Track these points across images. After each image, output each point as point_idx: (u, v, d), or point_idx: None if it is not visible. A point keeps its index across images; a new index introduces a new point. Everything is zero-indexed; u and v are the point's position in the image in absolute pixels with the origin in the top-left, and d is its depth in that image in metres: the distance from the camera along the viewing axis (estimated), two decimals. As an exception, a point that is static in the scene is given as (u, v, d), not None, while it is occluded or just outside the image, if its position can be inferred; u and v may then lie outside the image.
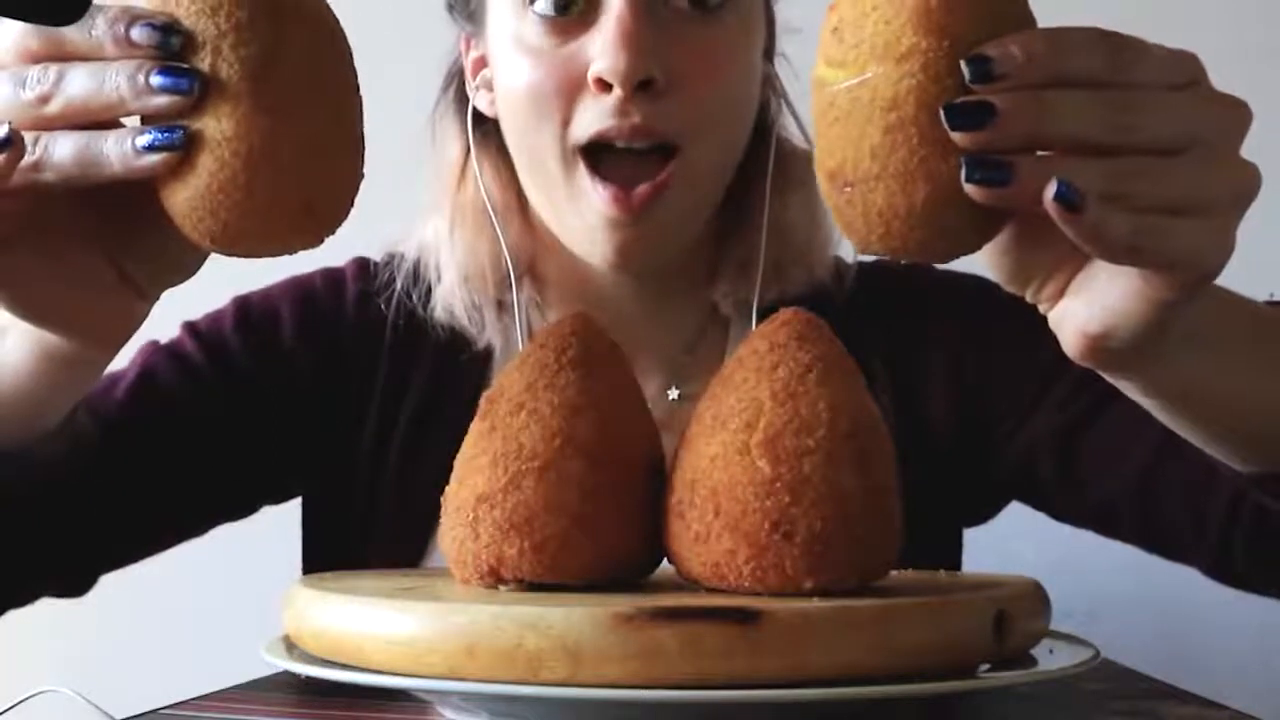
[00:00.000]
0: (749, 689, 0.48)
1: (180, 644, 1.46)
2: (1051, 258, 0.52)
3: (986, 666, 0.54)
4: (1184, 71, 0.48)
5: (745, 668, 0.48)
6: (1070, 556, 1.04)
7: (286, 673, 0.59)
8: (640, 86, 0.77)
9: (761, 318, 0.86)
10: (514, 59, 0.81)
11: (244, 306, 0.92)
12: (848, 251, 0.91)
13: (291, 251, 0.52)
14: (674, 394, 0.88)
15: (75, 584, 0.83)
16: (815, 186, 0.94)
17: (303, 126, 0.49)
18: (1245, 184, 0.50)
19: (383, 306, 0.90)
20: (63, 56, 0.51)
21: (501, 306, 0.90)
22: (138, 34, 0.49)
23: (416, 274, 0.90)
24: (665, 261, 0.85)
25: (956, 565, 0.92)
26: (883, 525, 0.54)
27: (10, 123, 0.49)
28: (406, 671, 0.51)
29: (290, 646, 0.60)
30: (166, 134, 0.49)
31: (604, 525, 0.55)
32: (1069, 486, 0.86)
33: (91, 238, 0.55)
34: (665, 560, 0.58)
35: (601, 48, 0.77)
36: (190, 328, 0.90)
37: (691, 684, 0.48)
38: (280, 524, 0.93)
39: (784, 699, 0.48)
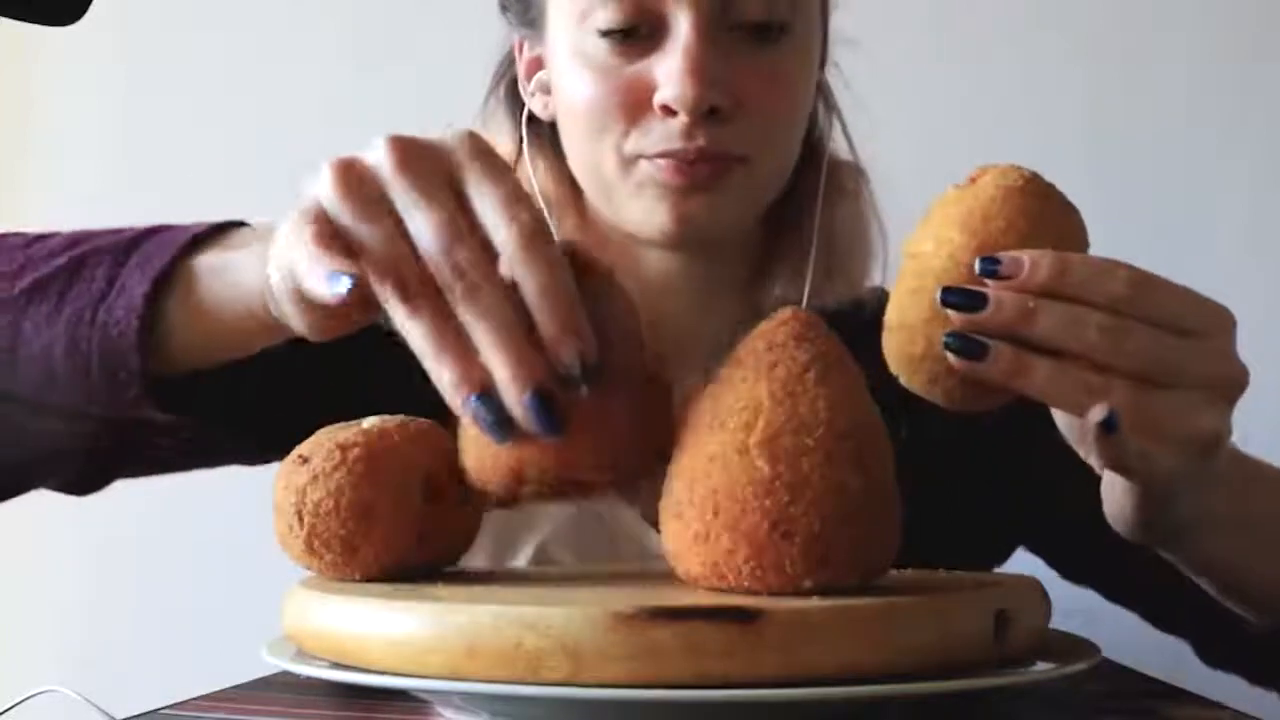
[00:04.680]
0: (749, 689, 0.48)
1: (180, 644, 1.46)
2: None
3: (987, 666, 0.54)
4: (1200, 322, 0.55)
5: (745, 667, 0.48)
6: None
7: (286, 673, 0.59)
8: (706, 113, 0.79)
9: None
10: (577, 72, 0.83)
11: None
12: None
13: None
14: None
15: (87, 481, 0.78)
16: (862, 197, 0.96)
17: None
18: (1210, 434, 0.56)
19: None
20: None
21: None
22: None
23: None
24: (714, 248, 0.87)
25: None
26: (882, 524, 0.54)
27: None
28: (406, 671, 0.51)
29: (290, 646, 0.60)
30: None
31: (612, 421, 0.55)
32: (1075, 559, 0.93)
33: None
34: (665, 559, 0.57)
35: (668, 75, 0.79)
36: None
37: (691, 684, 0.48)
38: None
39: (784, 699, 0.48)
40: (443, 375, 0.53)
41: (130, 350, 0.64)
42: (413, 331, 0.53)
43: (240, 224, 0.69)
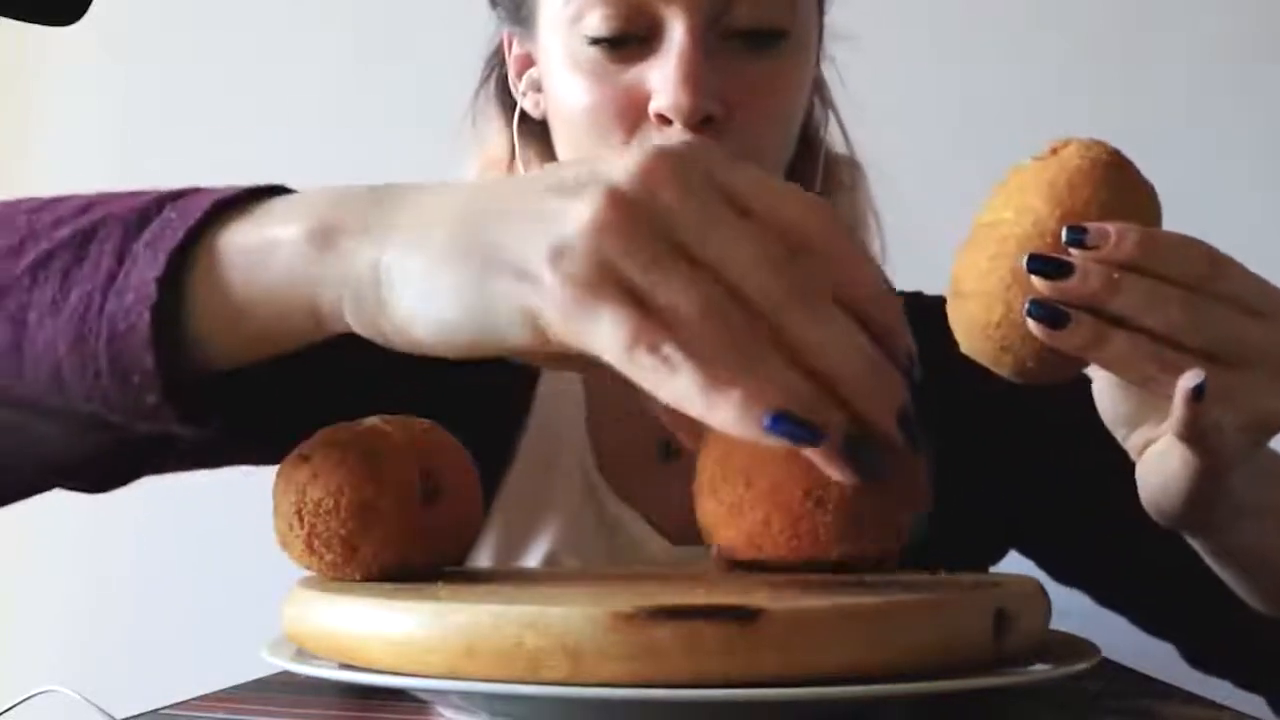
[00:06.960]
0: (748, 688, 0.48)
1: (180, 644, 1.46)
2: (1139, 414, 0.59)
3: (986, 666, 0.54)
4: (1268, 304, 0.56)
5: (744, 666, 0.48)
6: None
7: (286, 673, 0.59)
8: (701, 122, 0.78)
9: None
10: (569, 77, 0.82)
11: None
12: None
13: None
14: None
15: (104, 483, 0.69)
16: (859, 192, 0.96)
17: None
18: (1277, 412, 0.55)
19: None
20: None
21: None
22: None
23: None
24: None
25: None
26: (912, 487, 0.56)
27: None
28: (406, 671, 0.51)
29: (290, 646, 0.60)
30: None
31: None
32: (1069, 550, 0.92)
33: None
34: (667, 565, 0.58)
35: (664, 83, 0.78)
36: None
37: (691, 683, 0.48)
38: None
39: (784, 698, 0.48)
40: (731, 394, 0.44)
41: (143, 348, 0.53)
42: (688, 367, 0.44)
43: (277, 189, 0.57)
